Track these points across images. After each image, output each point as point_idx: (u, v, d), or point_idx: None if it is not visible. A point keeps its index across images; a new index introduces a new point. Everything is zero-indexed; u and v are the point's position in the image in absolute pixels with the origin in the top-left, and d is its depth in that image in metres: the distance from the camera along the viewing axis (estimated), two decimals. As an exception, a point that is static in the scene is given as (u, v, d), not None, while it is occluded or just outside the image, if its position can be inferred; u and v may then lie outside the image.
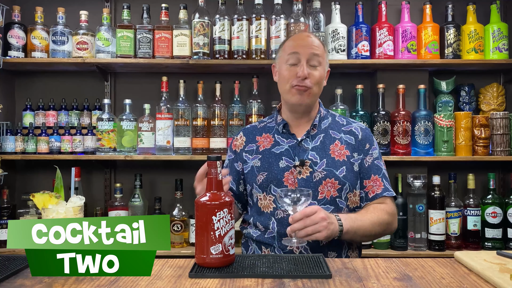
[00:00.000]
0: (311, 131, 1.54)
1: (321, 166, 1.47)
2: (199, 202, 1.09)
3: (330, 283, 0.99)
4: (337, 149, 1.51)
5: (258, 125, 1.65)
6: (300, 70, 1.46)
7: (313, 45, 1.51)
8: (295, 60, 1.48)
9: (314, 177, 1.46)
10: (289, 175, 1.48)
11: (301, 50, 1.48)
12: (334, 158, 1.49)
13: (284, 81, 1.51)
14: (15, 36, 2.42)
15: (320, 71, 1.50)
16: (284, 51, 1.53)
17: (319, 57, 1.49)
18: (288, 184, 1.47)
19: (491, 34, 2.47)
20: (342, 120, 1.61)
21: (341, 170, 1.48)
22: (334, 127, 1.57)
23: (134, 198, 2.46)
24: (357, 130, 1.57)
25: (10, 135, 2.44)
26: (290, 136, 1.55)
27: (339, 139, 1.54)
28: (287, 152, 1.52)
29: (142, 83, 2.70)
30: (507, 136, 2.41)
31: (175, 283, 1.00)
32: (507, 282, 0.94)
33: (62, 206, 1.10)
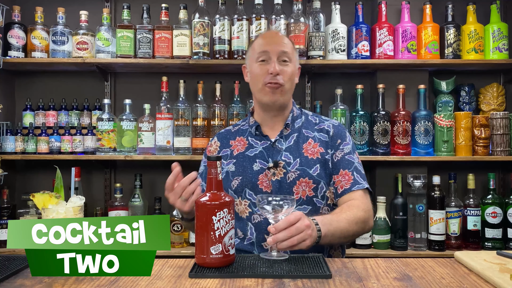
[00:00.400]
0: (284, 131, 1.53)
1: (294, 166, 1.46)
2: (199, 202, 1.09)
3: (330, 283, 0.99)
4: (310, 148, 1.50)
5: (232, 129, 1.63)
6: (272, 67, 1.44)
7: (283, 42, 1.50)
8: (265, 57, 1.47)
9: (288, 177, 1.45)
10: (264, 177, 1.46)
11: (271, 48, 1.47)
12: (308, 157, 1.48)
13: (256, 80, 1.49)
14: (15, 36, 2.42)
15: (291, 67, 1.49)
16: (254, 50, 1.52)
17: (289, 54, 1.48)
18: (263, 187, 1.45)
19: (491, 34, 2.47)
20: (315, 119, 1.59)
21: (314, 169, 1.46)
22: (308, 126, 1.56)
23: (134, 198, 2.46)
24: (329, 127, 1.55)
25: (10, 135, 2.44)
26: (264, 138, 1.53)
27: (312, 138, 1.52)
28: (261, 154, 1.50)
29: (142, 83, 2.70)
30: (507, 136, 2.41)
31: (175, 283, 1.00)
32: (507, 282, 0.94)
33: (62, 206, 1.10)
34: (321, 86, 2.71)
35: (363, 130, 2.41)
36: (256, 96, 1.53)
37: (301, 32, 2.39)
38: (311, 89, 2.68)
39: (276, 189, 1.44)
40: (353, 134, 2.42)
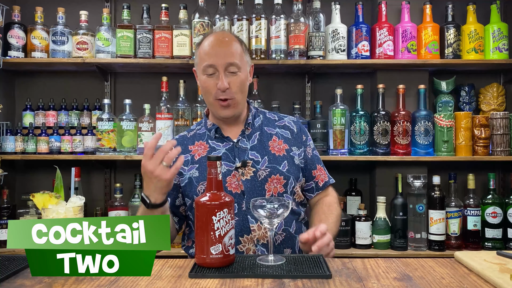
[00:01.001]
0: (245, 131, 1.51)
1: (263, 164, 1.45)
2: (199, 202, 1.09)
3: (330, 283, 0.99)
4: (276, 145, 1.51)
5: (187, 134, 1.58)
6: (220, 83, 1.41)
7: (229, 51, 1.44)
8: (212, 71, 1.43)
9: (259, 175, 1.44)
10: (231, 179, 1.43)
11: (216, 60, 1.42)
12: (275, 154, 1.48)
13: (206, 93, 1.46)
14: (15, 36, 2.42)
15: (241, 75, 1.45)
16: (200, 59, 1.46)
17: (236, 63, 1.43)
18: (232, 189, 1.42)
19: (491, 34, 2.47)
20: (273, 116, 1.60)
21: (283, 165, 1.47)
22: (268, 124, 1.56)
23: (134, 198, 2.46)
24: (291, 124, 1.58)
25: (10, 135, 2.44)
26: (225, 139, 1.50)
27: (275, 135, 1.53)
28: (225, 156, 1.47)
29: (142, 83, 2.70)
30: (507, 136, 2.41)
31: (175, 283, 1.00)
32: (507, 282, 0.94)
33: (62, 206, 1.10)
34: (321, 86, 2.71)
35: (363, 130, 2.41)
36: (210, 109, 1.53)
37: (301, 32, 2.39)
38: (311, 89, 2.68)
39: (248, 188, 1.42)
40: (353, 134, 2.42)
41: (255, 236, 1.39)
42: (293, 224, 1.46)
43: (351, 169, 2.66)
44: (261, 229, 1.40)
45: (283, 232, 1.43)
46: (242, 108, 1.51)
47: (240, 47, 1.48)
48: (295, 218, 1.48)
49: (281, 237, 1.43)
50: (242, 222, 1.40)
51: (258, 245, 1.40)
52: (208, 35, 1.50)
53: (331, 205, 1.54)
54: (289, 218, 1.45)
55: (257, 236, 1.40)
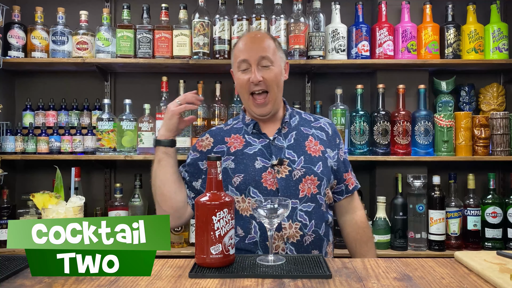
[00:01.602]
0: (282, 129, 1.53)
1: (299, 164, 1.46)
2: (199, 202, 1.09)
3: (330, 283, 0.99)
4: (312, 145, 1.52)
5: (224, 127, 1.61)
6: (252, 76, 1.44)
7: (262, 46, 1.48)
8: (246, 66, 1.47)
9: (294, 175, 1.45)
10: (267, 175, 1.45)
11: (249, 55, 1.46)
12: (311, 155, 1.49)
13: (241, 89, 1.50)
14: (15, 36, 2.42)
15: (274, 69, 1.47)
16: (235, 57, 1.51)
17: (269, 57, 1.46)
18: (267, 185, 1.44)
19: (491, 34, 2.47)
20: (309, 117, 1.62)
21: (318, 166, 1.48)
22: (304, 124, 1.58)
23: (134, 198, 2.46)
24: (326, 126, 1.60)
25: (10, 135, 2.44)
26: (261, 136, 1.52)
27: (311, 135, 1.54)
28: (260, 152, 1.48)
29: (142, 83, 2.70)
30: (507, 136, 2.41)
31: (175, 283, 1.00)
32: (507, 282, 0.94)
33: (62, 206, 1.10)
34: (321, 86, 2.71)
35: (363, 130, 2.41)
36: (245, 106, 1.55)
37: (301, 32, 2.39)
38: (311, 89, 2.68)
39: (282, 186, 1.44)
40: (353, 134, 2.42)
41: (285, 234, 1.40)
42: (322, 227, 1.46)
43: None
44: (292, 228, 1.41)
45: (313, 233, 1.44)
46: (278, 105, 1.53)
47: (273, 43, 1.51)
48: (325, 220, 1.48)
49: (311, 238, 1.43)
50: None
51: (288, 243, 1.41)
52: (243, 35, 1.58)
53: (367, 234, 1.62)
54: (320, 220, 1.46)
55: (287, 234, 1.41)
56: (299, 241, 1.41)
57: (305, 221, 1.43)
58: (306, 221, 1.43)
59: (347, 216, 1.60)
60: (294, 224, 1.41)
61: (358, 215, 1.60)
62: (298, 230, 1.42)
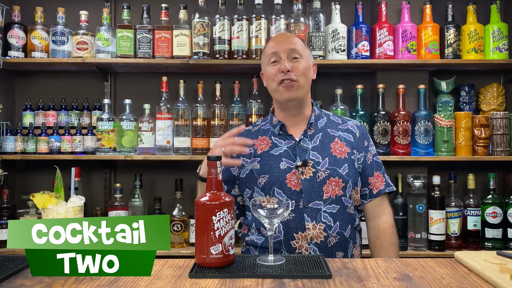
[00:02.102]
0: (308, 131, 1.54)
1: (323, 165, 1.47)
2: (199, 202, 1.09)
3: (330, 283, 0.99)
4: (338, 147, 1.52)
5: (252, 129, 1.64)
6: (282, 65, 1.47)
7: (291, 41, 1.53)
8: (275, 58, 1.50)
9: (318, 176, 1.46)
10: (291, 176, 1.46)
11: (279, 47, 1.50)
12: (336, 156, 1.50)
13: (271, 80, 1.52)
14: (15, 36, 2.42)
15: (303, 63, 1.51)
16: (265, 55, 1.56)
17: (298, 51, 1.50)
18: (292, 186, 1.46)
19: (491, 34, 2.47)
20: (337, 119, 1.62)
21: (343, 168, 1.48)
22: (331, 126, 1.58)
23: (134, 198, 2.46)
24: (354, 128, 1.59)
25: (10, 135, 2.44)
26: (288, 137, 1.54)
27: (338, 137, 1.54)
28: (286, 153, 1.50)
29: (142, 83, 2.70)
30: (507, 136, 2.41)
31: (175, 283, 1.00)
32: (507, 282, 0.94)
33: (62, 206, 1.10)
34: (321, 86, 2.71)
35: (363, 130, 2.41)
36: (274, 96, 1.55)
37: (301, 32, 2.39)
38: (311, 89, 2.67)
39: (306, 188, 1.45)
40: (353, 134, 2.42)
41: (309, 235, 1.41)
42: (348, 229, 1.46)
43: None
44: (316, 229, 1.42)
45: (337, 235, 1.44)
46: (304, 94, 1.53)
47: (302, 42, 1.57)
48: (351, 222, 1.48)
49: (335, 239, 1.43)
50: (298, 220, 1.42)
51: (311, 243, 1.41)
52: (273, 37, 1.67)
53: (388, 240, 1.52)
54: (345, 222, 1.46)
55: (311, 235, 1.41)
56: (323, 242, 1.42)
57: (329, 223, 1.43)
58: (330, 222, 1.43)
59: (372, 221, 1.58)
60: (318, 225, 1.42)
61: (383, 220, 1.55)
62: (322, 231, 1.42)
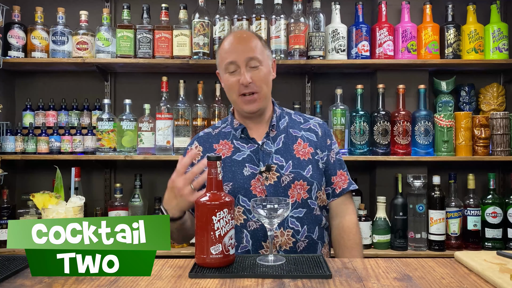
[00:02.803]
0: (270, 133, 1.48)
1: (287, 169, 1.43)
2: (199, 202, 1.09)
3: (330, 283, 0.99)
4: (301, 148, 1.47)
5: (212, 132, 1.56)
6: (242, 78, 1.40)
7: (249, 46, 1.43)
8: (234, 67, 1.43)
9: (282, 181, 1.41)
10: (256, 182, 1.41)
11: (237, 56, 1.41)
12: (299, 158, 1.45)
13: (230, 91, 1.46)
14: (15, 36, 2.42)
15: (263, 69, 1.44)
16: (221, 58, 1.46)
17: (257, 57, 1.42)
18: (257, 193, 1.41)
19: (491, 34, 2.47)
20: (299, 118, 1.57)
21: (307, 170, 1.44)
22: (293, 126, 1.53)
23: (134, 198, 2.46)
24: (316, 127, 1.54)
25: (10, 135, 2.44)
26: (250, 141, 1.47)
27: (300, 137, 1.50)
28: (249, 158, 1.44)
29: (142, 83, 2.70)
30: (507, 136, 2.41)
31: (175, 283, 1.00)
32: (507, 282, 0.94)
33: (62, 206, 1.10)
34: (321, 86, 2.71)
35: (363, 130, 2.41)
36: (234, 106, 1.51)
37: (301, 32, 2.39)
38: (311, 89, 2.68)
39: (271, 193, 1.40)
40: (353, 134, 2.42)
41: (277, 242, 1.39)
42: (316, 230, 1.44)
43: (351, 169, 2.60)
44: (284, 235, 1.39)
45: (306, 238, 1.41)
46: (267, 102, 1.49)
47: (260, 42, 1.48)
48: (318, 223, 1.46)
49: (304, 243, 1.41)
50: (264, 229, 1.38)
51: (281, 251, 1.39)
52: (227, 35, 1.52)
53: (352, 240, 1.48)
54: (312, 224, 1.43)
55: (279, 242, 1.39)
56: (292, 248, 1.39)
57: (297, 228, 1.40)
58: (298, 227, 1.41)
59: (336, 219, 1.53)
60: (286, 232, 1.39)
61: (346, 219, 1.51)
62: (291, 237, 1.40)
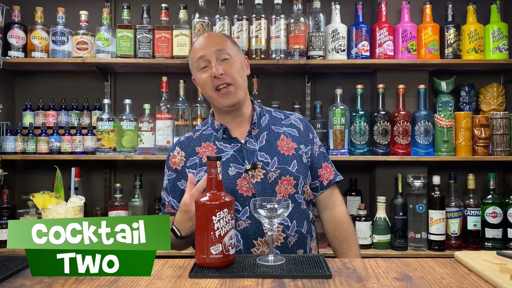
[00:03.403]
0: (252, 131, 1.48)
1: (273, 165, 1.43)
2: (199, 202, 1.09)
3: (330, 283, 0.99)
4: (285, 144, 1.48)
5: (193, 135, 1.55)
6: (214, 69, 1.41)
7: (216, 41, 1.46)
8: (205, 63, 1.44)
9: (269, 178, 1.42)
10: (242, 181, 1.41)
11: (206, 51, 1.43)
12: (284, 154, 1.46)
13: (205, 88, 1.45)
14: (15, 36, 2.42)
15: (234, 62, 1.44)
16: (192, 60, 1.48)
17: (226, 50, 1.44)
18: (243, 192, 1.41)
19: (491, 34, 2.47)
20: (280, 115, 1.58)
21: (293, 165, 1.45)
22: (275, 122, 1.53)
23: (134, 198, 2.46)
24: (297, 122, 1.56)
25: (10, 135, 2.44)
26: (233, 140, 1.47)
27: (283, 133, 1.51)
28: (233, 157, 1.44)
29: (142, 83, 2.70)
30: (507, 136, 2.41)
31: (175, 283, 1.00)
32: (507, 282, 0.94)
33: (62, 206, 1.10)
34: (321, 86, 2.71)
35: (363, 130, 2.41)
36: (212, 103, 1.50)
37: (301, 32, 2.39)
38: (311, 89, 2.68)
39: (259, 191, 1.40)
40: (353, 134, 2.42)
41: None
42: (304, 225, 1.45)
43: (351, 169, 2.65)
44: (275, 231, 1.39)
45: (296, 233, 1.42)
46: (243, 95, 1.47)
47: (228, 39, 1.50)
48: (305, 218, 1.47)
49: (294, 238, 1.42)
50: (255, 226, 1.39)
51: (273, 247, 1.39)
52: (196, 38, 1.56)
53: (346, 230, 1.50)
54: (301, 219, 1.45)
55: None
56: (283, 243, 1.40)
57: (286, 223, 1.41)
58: (288, 222, 1.41)
59: (327, 212, 1.55)
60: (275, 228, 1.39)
61: (337, 210, 1.53)
62: (281, 232, 1.40)
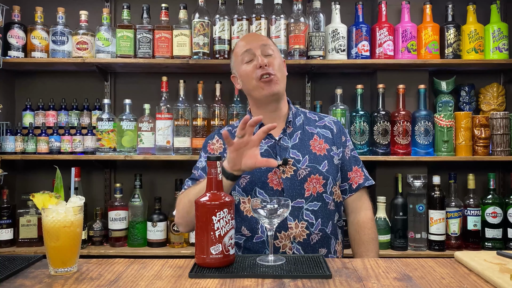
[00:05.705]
0: (287, 129, 1.53)
1: (304, 163, 1.47)
2: (199, 202, 1.09)
3: (330, 283, 0.99)
4: (317, 144, 1.52)
5: (232, 130, 1.61)
6: (260, 59, 1.46)
7: (261, 38, 1.56)
8: (250, 56, 1.49)
9: (299, 175, 1.46)
10: (273, 175, 1.46)
11: (251, 45, 1.50)
12: (316, 154, 1.50)
13: (249, 79, 1.49)
14: (15, 36, 2.42)
15: (277, 58, 1.51)
16: (237, 55, 1.54)
17: (271, 46, 1.51)
18: (273, 185, 1.45)
19: (491, 34, 2.47)
20: (314, 116, 1.62)
21: (323, 165, 1.49)
22: (309, 123, 1.58)
23: (134, 198, 2.46)
24: (331, 124, 1.60)
25: (10, 135, 2.44)
26: (267, 136, 1.51)
27: (316, 134, 1.55)
28: (267, 152, 1.49)
29: (142, 83, 2.70)
30: (507, 136, 2.41)
31: (175, 283, 1.00)
32: (507, 282, 0.94)
33: (62, 206, 1.10)
34: (321, 86, 2.71)
35: (363, 130, 2.41)
36: (252, 95, 1.53)
37: (301, 32, 2.39)
38: (311, 89, 2.68)
39: (288, 186, 1.45)
40: (353, 134, 2.42)
41: (291, 234, 1.42)
42: (329, 225, 1.47)
43: (351, 169, 2.65)
44: (298, 227, 1.42)
45: (320, 232, 1.44)
46: (282, 89, 1.52)
47: (271, 41, 1.58)
48: (331, 219, 1.49)
49: (317, 236, 1.44)
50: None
51: (294, 242, 1.42)
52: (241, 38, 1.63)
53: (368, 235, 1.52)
54: (326, 219, 1.47)
55: (294, 234, 1.42)
56: (306, 240, 1.42)
57: (311, 220, 1.44)
58: (312, 220, 1.44)
59: (352, 215, 1.59)
60: (300, 224, 1.42)
61: (362, 215, 1.57)
62: (305, 229, 1.43)
